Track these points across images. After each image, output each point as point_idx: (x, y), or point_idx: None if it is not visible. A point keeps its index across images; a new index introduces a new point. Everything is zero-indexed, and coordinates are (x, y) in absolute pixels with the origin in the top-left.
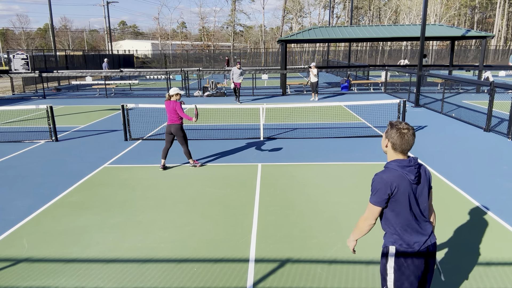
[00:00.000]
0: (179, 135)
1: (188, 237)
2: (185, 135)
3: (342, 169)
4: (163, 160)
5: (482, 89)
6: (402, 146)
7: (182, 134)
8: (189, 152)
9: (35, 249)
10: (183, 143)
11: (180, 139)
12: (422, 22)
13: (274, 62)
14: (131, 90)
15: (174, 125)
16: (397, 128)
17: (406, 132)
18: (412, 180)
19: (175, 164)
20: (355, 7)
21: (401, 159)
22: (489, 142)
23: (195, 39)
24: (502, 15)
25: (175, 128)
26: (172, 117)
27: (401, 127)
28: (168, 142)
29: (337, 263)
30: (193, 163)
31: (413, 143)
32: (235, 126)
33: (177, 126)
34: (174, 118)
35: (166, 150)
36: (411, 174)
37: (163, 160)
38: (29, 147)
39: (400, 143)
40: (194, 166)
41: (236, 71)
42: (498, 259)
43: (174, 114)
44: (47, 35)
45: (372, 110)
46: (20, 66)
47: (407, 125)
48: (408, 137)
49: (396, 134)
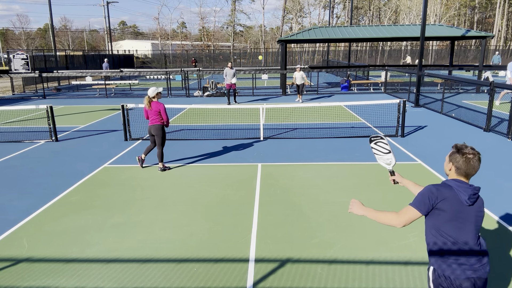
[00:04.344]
0: (159, 135)
1: (188, 237)
2: (164, 137)
3: (342, 169)
4: (143, 155)
5: (482, 89)
6: (467, 171)
7: (162, 135)
8: (162, 154)
9: (35, 249)
10: (160, 144)
11: (159, 139)
12: (422, 22)
13: (274, 62)
14: (131, 90)
15: (156, 125)
16: (463, 153)
17: (472, 158)
18: (466, 201)
19: (175, 164)
20: (355, 7)
21: (462, 181)
22: (489, 142)
23: (195, 39)
24: (502, 15)
25: (156, 128)
26: (154, 118)
27: (467, 152)
28: (153, 143)
29: (337, 263)
30: (163, 167)
31: (478, 169)
32: (235, 126)
33: (158, 126)
34: (156, 119)
35: (150, 149)
36: (465, 194)
37: (144, 155)
38: (29, 147)
39: (465, 168)
40: (163, 170)
41: (229, 72)
42: (498, 259)
43: (156, 115)
44: (47, 35)
45: (372, 110)
46: (20, 66)
47: (473, 150)
48: (474, 162)
49: (462, 159)
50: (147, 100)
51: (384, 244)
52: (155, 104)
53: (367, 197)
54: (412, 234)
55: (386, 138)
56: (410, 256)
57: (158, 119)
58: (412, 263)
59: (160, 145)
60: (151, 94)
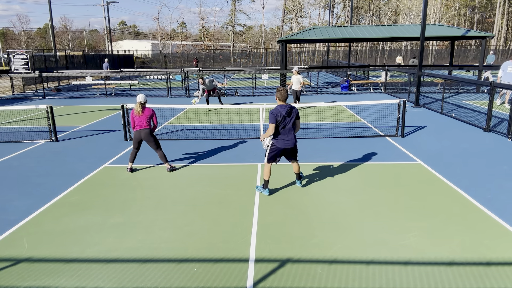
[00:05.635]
0: (151, 140)
1: (188, 237)
2: (156, 139)
3: (342, 169)
4: (130, 164)
5: (482, 89)
6: (282, 98)
7: (153, 139)
8: (164, 155)
9: (35, 249)
10: (157, 147)
11: (153, 144)
12: (422, 22)
13: (274, 62)
14: (131, 90)
15: (145, 130)
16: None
17: (282, 90)
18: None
19: (175, 164)
20: (355, 7)
21: (282, 104)
22: (489, 142)
23: (195, 39)
24: (502, 15)
25: (146, 133)
26: (143, 123)
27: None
28: (136, 148)
29: (337, 263)
30: (170, 167)
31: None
32: (235, 126)
33: (147, 131)
34: (145, 124)
35: (135, 155)
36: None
37: (131, 163)
38: (29, 147)
39: (282, 97)
40: (172, 170)
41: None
42: (498, 259)
43: (147, 120)
44: (47, 35)
45: (372, 110)
46: (20, 66)
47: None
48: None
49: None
50: (140, 106)
51: (384, 244)
52: (146, 109)
53: (367, 197)
54: (412, 234)
55: (386, 138)
56: (410, 256)
57: (148, 124)
58: (412, 263)
59: (157, 148)
60: (143, 99)
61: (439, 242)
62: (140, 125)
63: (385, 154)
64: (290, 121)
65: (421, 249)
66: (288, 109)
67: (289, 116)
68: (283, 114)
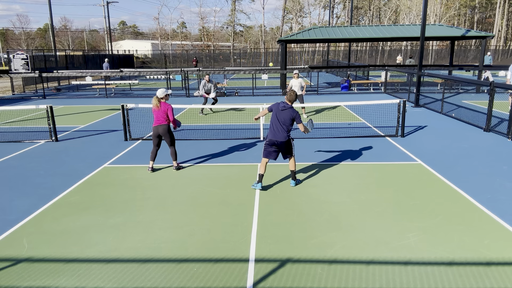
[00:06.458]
0: (167, 135)
1: (188, 237)
2: (172, 135)
3: (342, 169)
4: (151, 162)
5: (482, 89)
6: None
7: (170, 134)
8: (176, 152)
9: (35, 249)
10: (171, 144)
11: (168, 139)
12: (422, 22)
13: (274, 62)
14: (131, 90)
15: (162, 126)
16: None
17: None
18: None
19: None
20: (355, 7)
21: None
22: (489, 142)
23: (195, 39)
24: (502, 15)
25: (164, 129)
26: (160, 118)
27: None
28: (156, 145)
29: (337, 263)
30: (177, 166)
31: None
32: (235, 126)
33: (165, 126)
34: (162, 119)
35: (155, 153)
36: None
37: (152, 162)
38: (29, 147)
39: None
40: (178, 169)
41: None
42: (498, 259)
43: (164, 115)
44: (47, 35)
45: (372, 110)
46: (20, 66)
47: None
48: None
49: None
50: (157, 100)
51: (384, 244)
52: (163, 104)
53: (367, 197)
54: (412, 234)
55: (386, 138)
56: (410, 256)
57: (165, 120)
58: (412, 263)
59: (171, 145)
60: (161, 95)
61: (439, 242)
62: (158, 121)
63: (385, 154)
64: (280, 118)
65: (421, 249)
66: (286, 108)
67: (281, 112)
68: (279, 108)
